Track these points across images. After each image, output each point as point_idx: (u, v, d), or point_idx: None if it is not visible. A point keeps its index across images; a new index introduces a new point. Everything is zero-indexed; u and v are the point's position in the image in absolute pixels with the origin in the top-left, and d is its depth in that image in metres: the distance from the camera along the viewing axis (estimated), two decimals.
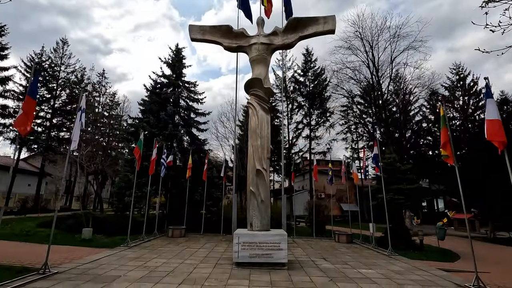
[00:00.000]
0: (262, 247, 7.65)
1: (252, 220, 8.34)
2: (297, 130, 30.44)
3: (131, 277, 6.35)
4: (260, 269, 7.45)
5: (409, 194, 12.46)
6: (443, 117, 7.25)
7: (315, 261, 8.85)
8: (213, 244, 11.89)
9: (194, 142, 17.95)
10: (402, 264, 8.86)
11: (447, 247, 13.05)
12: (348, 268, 8.03)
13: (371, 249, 11.56)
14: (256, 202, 8.39)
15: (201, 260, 8.45)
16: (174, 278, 6.43)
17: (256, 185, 8.49)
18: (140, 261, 8.03)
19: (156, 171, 14.79)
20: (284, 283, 6.24)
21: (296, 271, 7.42)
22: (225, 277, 6.63)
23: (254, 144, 8.84)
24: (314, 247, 11.77)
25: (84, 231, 11.64)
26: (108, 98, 35.23)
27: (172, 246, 11.02)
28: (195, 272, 7.03)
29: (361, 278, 6.93)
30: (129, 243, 10.64)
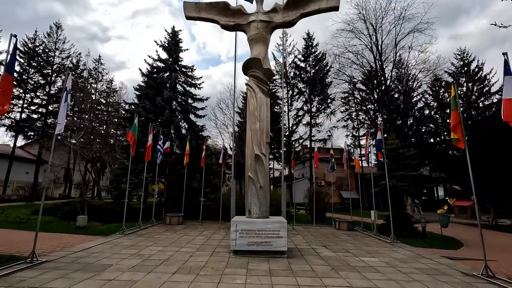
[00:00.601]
0: (261, 234, 7.34)
1: (251, 207, 8.01)
2: (297, 117, 29.93)
3: (123, 266, 6.06)
4: (259, 257, 7.16)
5: (413, 181, 12.12)
6: (454, 98, 6.78)
7: (316, 249, 8.58)
8: (211, 231, 11.65)
9: (192, 128, 17.50)
10: (405, 252, 8.59)
11: (449, 235, 12.84)
12: (350, 256, 7.76)
13: (372, 237, 11.32)
14: (255, 189, 8.03)
15: (198, 248, 8.17)
16: (168, 267, 6.13)
17: (255, 171, 8.11)
18: (134, 249, 7.75)
19: (153, 157, 14.43)
20: (283, 272, 5.95)
21: (296, 259, 7.14)
22: (222, 265, 6.34)
23: (252, 127, 8.40)
24: (314, 235, 11.52)
25: (78, 218, 11.36)
26: (105, 85, 34.61)
27: (169, 233, 10.76)
28: (191, 260, 6.74)
29: (364, 266, 6.65)
30: (124, 230, 10.37)
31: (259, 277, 5.54)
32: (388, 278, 5.79)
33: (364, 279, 5.64)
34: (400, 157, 12.67)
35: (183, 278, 5.35)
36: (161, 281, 5.13)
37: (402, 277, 5.86)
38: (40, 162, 30.32)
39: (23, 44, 27.95)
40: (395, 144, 12.76)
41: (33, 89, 28.70)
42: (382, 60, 26.58)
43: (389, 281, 5.59)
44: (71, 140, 24.54)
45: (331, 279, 5.60)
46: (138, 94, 17.66)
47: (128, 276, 5.39)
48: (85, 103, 27.99)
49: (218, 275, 5.63)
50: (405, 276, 5.97)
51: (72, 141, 24.37)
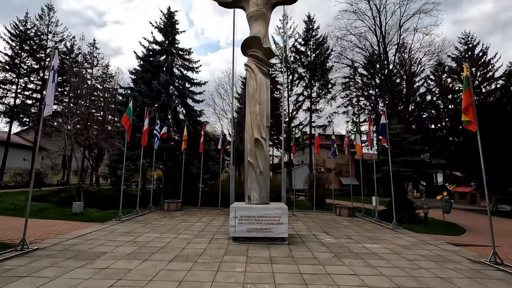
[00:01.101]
0: (261, 221, 7.10)
1: (250, 193, 7.74)
2: (297, 103, 29.40)
3: (117, 254, 5.82)
4: (259, 244, 6.95)
5: (416, 166, 11.85)
6: (467, 78, 6.38)
7: (317, 235, 8.39)
8: (210, 217, 11.45)
9: (190, 114, 17.07)
10: (408, 238, 8.41)
11: (451, 221, 12.71)
12: (352, 242, 7.56)
13: (374, 223, 11.15)
14: (255, 174, 7.73)
15: (196, 235, 7.95)
16: (165, 254, 5.90)
17: (255, 156, 7.79)
18: (130, 236, 7.52)
19: (150, 143, 14.09)
20: (284, 260, 5.72)
21: (297, 246, 6.93)
22: (220, 253, 6.11)
23: (252, 110, 8.02)
24: (314, 221, 11.35)
25: (74, 205, 11.12)
26: (101, 70, 33.79)
27: (167, 220, 10.56)
28: (189, 247, 6.52)
29: (367, 253, 6.44)
30: (121, 217, 10.15)
31: (259, 265, 5.31)
32: (393, 265, 5.57)
33: (369, 267, 5.42)
34: (403, 142, 12.35)
35: (180, 266, 5.11)
36: (157, 270, 4.89)
37: (408, 265, 5.65)
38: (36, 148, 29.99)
39: (13, 27, 27.03)
40: (398, 129, 12.41)
41: (26, 74, 27.97)
42: (386, 43, 25.85)
43: (395, 268, 5.37)
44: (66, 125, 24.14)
45: (334, 266, 5.38)
46: (133, 78, 17.11)
47: (123, 264, 5.14)
48: (80, 88, 27.33)
49: (216, 263, 5.40)
50: (410, 263, 5.76)
51: (67, 127, 23.96)
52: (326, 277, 4.76)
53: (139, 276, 4.56)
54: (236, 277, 4.65)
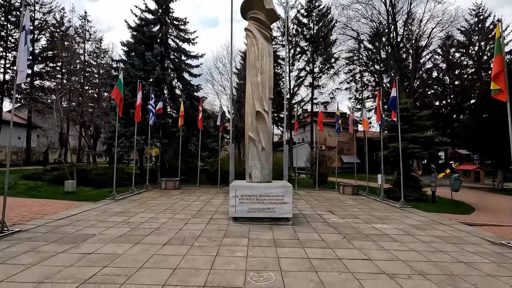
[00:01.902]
0: (263, 200, 6.57)
1: (252, 170, 7.16)
2: (298, 79, 28.37)
3: (107, 237, 5.31)
4: (261, 224, 6.47)
5: (425, 143, 11.25)
6: (499, 40, 5.58)
7: (322, 215, 7.92)
8: (209, 196, 11.00)
9: (186, 88, 16.19)
10: (418, 217, 7.96)
11: (457, 199, 12.30)
12: (360, 222, 7.09)
13: (380, 201, 10.72)
14: (256, 150, 7.12)
15: (194, 215, 7.47)
16: (159, 237, 5.40)
17: (256, 130, 7.13)
18: (123, 216, 7.02)
19: (145, 119, 13.39)
20: (289, 242, 5.24)
21: (302, 227, 6.45)
22: (219, 235, 5.62)
23: (253, 81, 7.25)
24: (318, 199, 10.92)
25: (66, 183, 10.62)
26: (94, 45, 32.25)
27: (164, 199, 10.09)
28: (185, 229, 6.03)
29: (378, 235, 5.96)
30: (115, 196, 9.67)
31: (262, 249, 4.82)
32: (408, 248, 5.09)
33: (382, 250, 4.94)
34: (412, 117, 11.66)
35: (175, 251, 4.61)
36: (148, 255, 4.38)
37: (424, 248, 5.17)
38: (30, 126, 29.26)
39: None
40: (408, 104, 11.67)
41: (14, 48, 26.58)
42: (394, 12, 24.34)
43: (411, 252, 4.89)
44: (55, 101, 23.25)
45: (344, 250, 4.89)
46: (126, 50, 16.08)
47: (111, 249, 4.64)
48: (73, 64, 26.11)
49: (215, 246, 4.90)
50: (426, 246, 5.29)
51: (61, 104, 23.11)
52: (337, 263, 4.27)
53: (127, 263, 4.06)
54: (236, 263, 4.15)
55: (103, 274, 3.67)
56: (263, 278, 3.66)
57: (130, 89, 14.18)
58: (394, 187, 12.06)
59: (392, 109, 9.88)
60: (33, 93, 26.24)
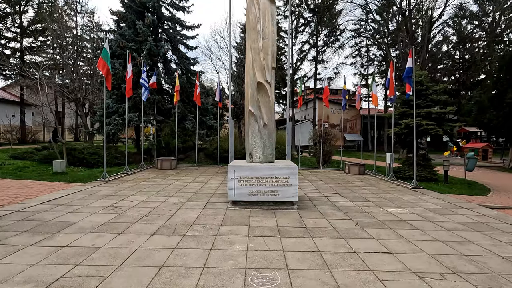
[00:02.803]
0: (265, 182, 5.89)
1: (252, 149, 6.42)
2: (301, 53, 26.96)
3: (88, 224, 4.68)
4: (263, 209, 5.83)
5: (440, 120, 10.41)
6: None
7: (329, 197, 7.29)
8: (207, 176, 10.37)
9: (182, 61, 15.10)
10: (434, 200, 7.32)
11: (469, 178, 11.65)
12: (372, 206, 6.45)
13: (389, 182, 10.08)
14: (257, 127, 6.33)
15: (189, 198, 6.83)
16: (147, 224, 4.76)
17: (257, 104, 6.31)
18: (111, 200, 6.39)
19: (138, 95, 12.53)
20: (295, 231, 4.60)
21: (309, 212, 5.82)
22: (216, 222, 4.99)
23: (254, 47, 6.32)
24: (323, 180, 10.28)
25: (54, 163, 9.95)
26: (86, 18, 30.49)
27: (159, 179, 9.45)
28: (178, 215, 5.39)
29: (394, 221, 5.32)
30: (106, 177, 9.02)
31: (264, 239, 4.18)
32: (432, 238, 4.45)
33: (403, 240, 4.30)
34: (427, 91, 10.74)
35: (164, 243, 3.97)
36: (132, 248, 3.74)
37: (449, 237, 4.53)
38: (23, 104, 28.32)
39: None
40: (423, 76, 10.70)
41: (0, 20, 25.05)
42: None
43: (436, 243, 4.25)
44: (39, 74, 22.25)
45: (359, 240, 4.25)
46: (115, 19, 14.82)
47: (90, 240, 4.00)
48: (64, 38, 24.67)
49: (211, 236, 4.26)
50: (452, 234, 4.65)
51: (43, 79, 22.12)
52: (354, 258, 3.62)
53: (106, 259, 3.42)
54: (235, 258, 3.51)
55: (73, 275, 3.03)
56: (267, 280, 3.02)
57: (121, 62, 13.16)
58: (403, 166, 11.39)
59: (406, 82, 8.96)
60: (23, 69, 25.12)
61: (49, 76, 24.74)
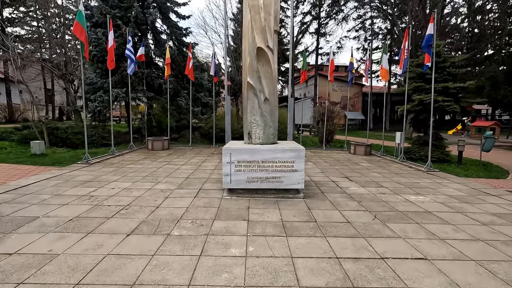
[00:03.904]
0: (266, 167, 5.04)
1: (251, 129, 5.51)
2: (302, 25, 25.31)
3: (52, 220, 3.85)
4: (264, 198, 5.03)
5: (459, 95, 9.48)
6: None
7: (338, 182, 6.50)
8: (201, 158, 9.52)
9: (174, 31, 13.76)
10: (455, 185, 6.55)
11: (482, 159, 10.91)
12: (387, 193, 5.67)
13: (399, 163, 9.30)
14: (257, 102, 5.38)
15: (180, 184, 6.01)
16: (125, 220, 3.95)
17: (257, 75, 5.31)
18: (89, 187, 5.54)
19: (125, 68, 11.40)
20: (304, 227, 3.81)
21: (317, 201, 5.03)
22: (209, 215, 4.18)
23: (253, 4, 5.22)
24: (328, 161, 9.47)
25: (33, 144, 9.01)
26: None
27: (148, 161, 8.59)
28: (164, 206, 4.57)
29: (418, 212, 4.55)
30: (89, 159, 8.14)
31: (267, 240, 3.39)
32: (469, 235, 3.68)
33: (435, 240, 3.52)
34: (444, 64, 9.70)
35: (141, 246, 3.16)
36: (98, 256, 2.93)
37: (489, 234, 3.76)
38: (8, 80, 26.87)
39: None
40: (440, 46, 9.61)
41: None
42: None
43: (476, 242, 3.48)
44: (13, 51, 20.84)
45: (382, 240, 3.47)
46: None
47: (47, 244, 3.18)
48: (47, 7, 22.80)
49: (201, 236, 3.46)
50: (490, 230, 3.88)
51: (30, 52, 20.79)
52: (382, 267, 2.84)
53: (60, 274, 2.60)
54: (230, 270, 2.72)
55: None
56: None
57: (104, 32, 11.84)
58: (413, 146, 10.60)
59: (425, 51, 7.90)
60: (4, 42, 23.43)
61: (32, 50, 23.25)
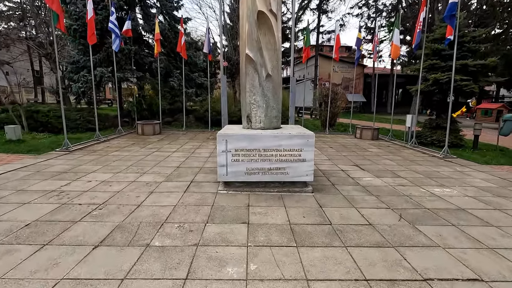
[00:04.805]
0: (269, 157, 4.26)
1: (251, 111, 4.67)
2: (303, 1, 23.80)
3: (4, 226, 3.08)
4: (266, 192, 4.28)
5: (476, 74, 8.62)
6: None
7: (349, 172, 5.75)
8: (195, 144, 8.71)
9: (164, 5, 12.52)
10: (479, 174, 5.84)
11: (493, 143, 10.21)
12: (407, 185, 4.94)
13: (411, 149, 8.57)
14: (257, 79, 4.51)
15: (169, 175, 5.22)
16: (95, 224, 3.18)
17: (257, 46, 4.41)
18: (62, 180, 4.75)
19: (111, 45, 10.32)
20: (318, 234, 3.08)
21: (329, 196, 4.29)
22: (200, 216, 3.43)
23: None
24: (334, 147, 8.72)
25: (7, 129, 8.13)
26: None
27: (136, 148, 7.77)
28: (148, 204, 3.80)
29: (449, 210, 3.83)
30: (69, 146, 7.30)
31: (273, 253, 2.65)
32: None
33: (484, 250, 2.81)
34: (463, 38, 8.76)
35: (109, 266, 2.41)
36: (48, 282, 2.18)
37: None
38: None
39: None
40: (460, 19, 8.61)
41: None
42: None
43: None
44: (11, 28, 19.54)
45: (417, 250, 2.75)
46: None
47: None
48: None
49: (188, 247, 2.71)
50: None
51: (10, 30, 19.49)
52: None
53: None
54: None
55: None
56: None
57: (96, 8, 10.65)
58: (424, 130, 9.85)
59: (448, 22, 6.96)
60: None
61: (14, 28, 21.79)
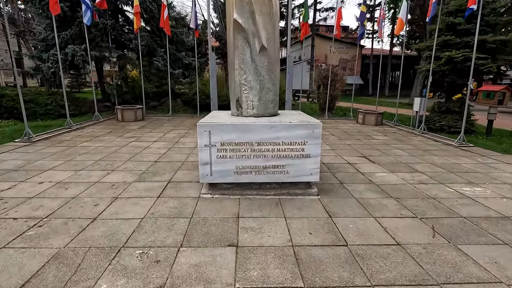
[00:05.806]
0: (264, 152, 3.37)
1: (241, 94, 3.72)
2: None
3: None
4: (261, 197, 3.43)
5: (496, 52, 7.73)
6: None
7: (356, 165, 4.92)
8: (180, 132, 7.76)
9: None
10: (505, 166, 5.07)
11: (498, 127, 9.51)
12: (430, 182, 4.14)
13: (420, 136, 7.77)
14: (249, 52, 3.54)
15: (142, 174, 4.31)
16: (25, 253, 2.30)
17: (249, 9, 3.41)
18: (5, 182, 3.82)
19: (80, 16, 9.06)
20: (332, 262, 2.26)
21: (338, 200, 3.46)
22: (173, 236, 2.56)
23: None
24: (335, 134, 7.86)
25: None
26: None
27: (111, 137, 6.79)
28: (106, 217, 2.91)
29: (491, 218, 3.04)
30: (30, 135, 6.29)
31: None
32: None
33: None
34: (482, 10, 7.77)
35: None
36: None
37: None
38: None
39: None
40: None
41: None
42: None
43: None
44: None
45: None
46: None
47: None
48: None
49: (156, 284, 1.86)
50: None
51: None
52: None
53: None
54: None
55: None
56: None
57: None
58: (432, 115, 9.03)
59: None
60: None
61: None
